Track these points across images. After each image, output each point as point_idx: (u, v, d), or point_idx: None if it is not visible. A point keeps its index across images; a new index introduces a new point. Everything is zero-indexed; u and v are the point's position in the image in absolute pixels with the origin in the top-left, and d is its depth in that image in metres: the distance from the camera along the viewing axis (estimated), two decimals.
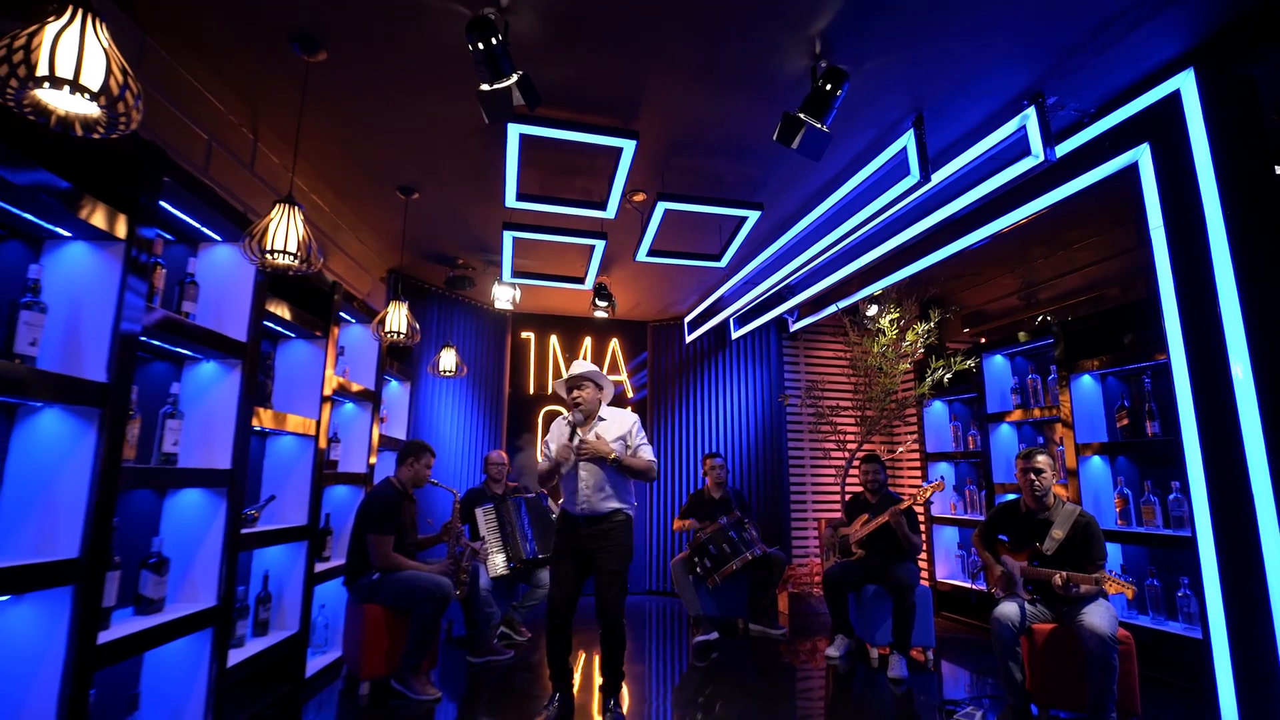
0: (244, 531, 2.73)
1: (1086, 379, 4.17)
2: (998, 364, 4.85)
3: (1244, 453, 2.38)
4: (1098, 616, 2.76)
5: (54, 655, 1.83)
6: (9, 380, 1.69)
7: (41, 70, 1.32)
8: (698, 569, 4.42)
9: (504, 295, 4.69)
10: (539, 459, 3.01)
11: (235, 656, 2.65)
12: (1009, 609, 2.96)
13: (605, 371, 6.23)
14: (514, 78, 2.38)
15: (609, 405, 3.09)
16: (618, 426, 2.98)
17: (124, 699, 2.22)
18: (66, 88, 1.35)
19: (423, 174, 3.59)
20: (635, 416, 3.06)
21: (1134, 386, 4.01)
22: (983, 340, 5.69)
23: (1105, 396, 4.16)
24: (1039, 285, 4.91)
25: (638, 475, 2.96)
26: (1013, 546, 3.17)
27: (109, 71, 1.38)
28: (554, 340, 6.21)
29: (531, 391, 6.14)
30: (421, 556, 3.63)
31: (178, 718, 2.41)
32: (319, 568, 3.41)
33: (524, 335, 6.18)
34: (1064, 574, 2.84)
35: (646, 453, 2.99)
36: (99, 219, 1.96)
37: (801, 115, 2.61)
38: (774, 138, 2.69)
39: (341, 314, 3.67)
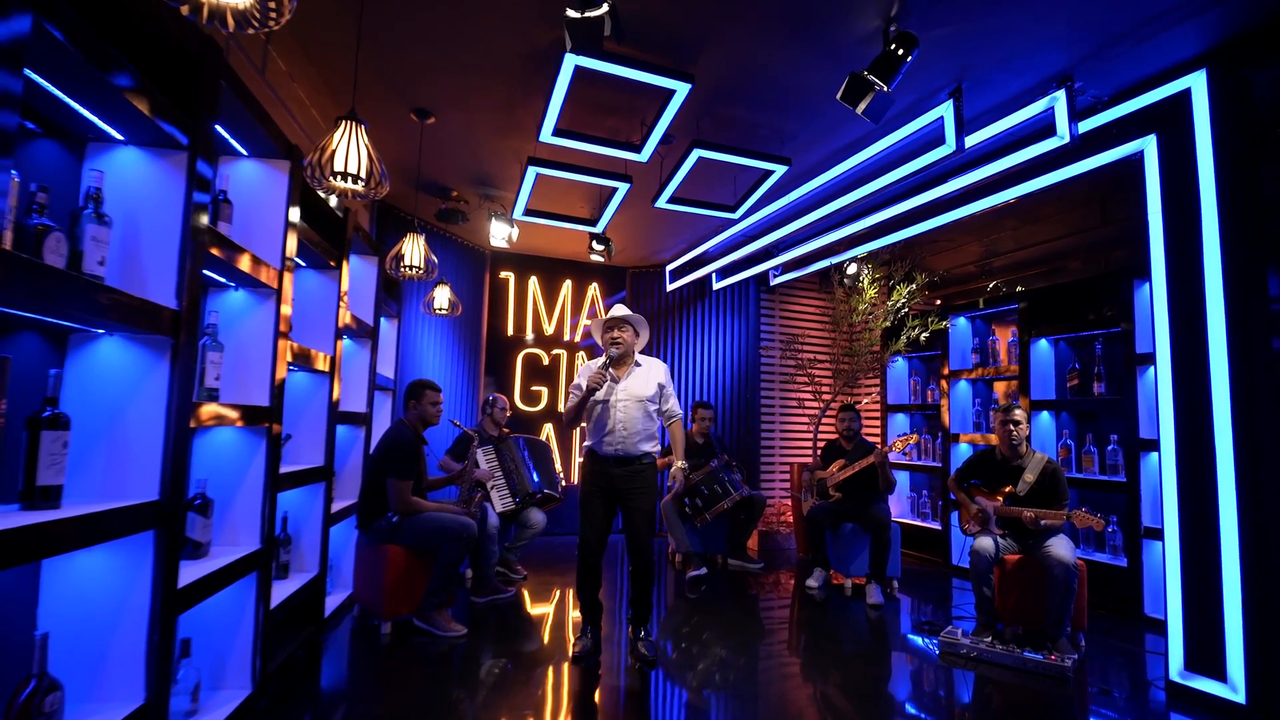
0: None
1: (1043, 343, 4.64)
2: (961, 326, 5.28)
3: (1211, 410, 2.78)
4: (1061, 547, 3.21)
5: (138, 602, 1.71)
6: (93, 305, 1.49)
7: None
8: (687, 508, 4.63)
9: (501, 232, 4.50)
10: (562, 403, 3.03)
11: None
12: (986, 542, 3.39)
13: (584, 316, 6.20)
14: (605, 6, 2.26)
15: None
16: (655, 375, 3.03)
17: (176, 644, 2.09)
18: None
19: (447, 98, 3.33)
20: (666, 366, 3.14)
21: (1085, 351, 4.52)
22: (938, 302, 6.15)
23: (1057, 359, 4.66)
24: (1001, 254, 5.33)
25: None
26: (988, 488, 3.58)
27: None
28: (534, 281, 6.04)
29: (510, 333, 5.99)
30: (431, 497, 3.57)
31: (224, 663, 2.32)
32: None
33: (503, 275, 5.96)
34: (1034, 510, 3.27)
35: (675, 405, 3.11)
36: (163, 120, 1.71)
37: (869, 76, 2.66)
38: (838, 97, 2.73)
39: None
